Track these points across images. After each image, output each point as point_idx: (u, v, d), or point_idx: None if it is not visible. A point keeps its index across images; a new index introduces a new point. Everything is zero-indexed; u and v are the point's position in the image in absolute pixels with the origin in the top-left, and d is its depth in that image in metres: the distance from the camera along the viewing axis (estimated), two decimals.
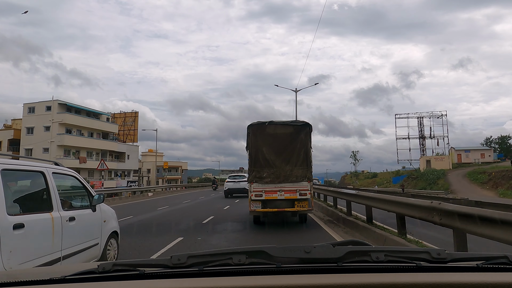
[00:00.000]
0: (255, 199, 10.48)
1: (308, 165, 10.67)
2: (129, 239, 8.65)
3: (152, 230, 10.87)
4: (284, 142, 10.68)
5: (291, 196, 10.41)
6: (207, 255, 1.46)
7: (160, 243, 8.43)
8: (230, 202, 22.42)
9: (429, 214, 6.10)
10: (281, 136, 10.71)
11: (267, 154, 10.60)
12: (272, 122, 10.94)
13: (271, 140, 10.69)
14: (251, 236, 9.75)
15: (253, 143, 10.84)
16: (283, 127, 10.83)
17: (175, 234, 9.52)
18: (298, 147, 10.63)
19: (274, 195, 10.42)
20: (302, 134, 10.71)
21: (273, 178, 10.48)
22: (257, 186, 10.53)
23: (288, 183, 10.47)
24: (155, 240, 8.99)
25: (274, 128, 10.78)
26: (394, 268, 1.38)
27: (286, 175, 10.48)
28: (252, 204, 10.54)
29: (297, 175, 10.51)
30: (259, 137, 10.77)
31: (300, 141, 10.67)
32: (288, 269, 1.38)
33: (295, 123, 10.95)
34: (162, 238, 9.15)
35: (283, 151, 10.63)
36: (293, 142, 10.66)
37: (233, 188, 27.33)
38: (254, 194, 10.48)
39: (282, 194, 10.40)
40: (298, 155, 10.60)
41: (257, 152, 10.72)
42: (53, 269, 1.69)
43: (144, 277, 1.40)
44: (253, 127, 10.91)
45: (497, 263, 1.39)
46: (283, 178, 10.48)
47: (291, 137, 10.70)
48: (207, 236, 9.61)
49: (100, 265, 1.44)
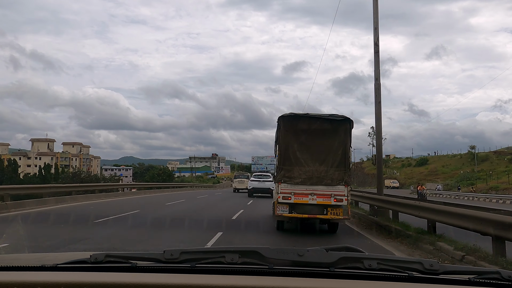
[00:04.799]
0: (282, 201, 9.21)
1: (346, 167, 9.44)
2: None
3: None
4: (320, 138, 9.49)
5: (324, 201, 9.14)
6: (200, 252, 1.46)
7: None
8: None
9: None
10: (316, 132, 9.49)
11: (298, 152, 9.40)
12: (307, 114, 9.70)
13: (304, 135, 9.48)
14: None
15: (283, 138, 9.61)
16: (319, 121, 9.52)
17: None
18: (336, 146, 9.41)
19: (304, 199, 9.17)
20: (340, 130, 9.49)
21: (304, 179, 9.25)
22: (285, 187, 9.29)
23: (322, 186, 9.21)
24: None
25: (308, 122, 9.52)
26: (386, 277, 1.38)
27: (320, 176, 9.25)
28: (278, 207, 9.26)
29: (333, 178, 9.26)
30: (291, 131, 9.54)
31: (338, 139, 9.45)
32: (280, 271, 1.38)
33: (334, 117, 9.52)
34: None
35: (318, 149, 9.45)
36: (330, 140, 9.45)
37: (258, 187, 26.41)
38: (281, 196, 9.22)
39: (314, 198, 9.14)
40: (335, 154, 9.37)
41: (287, 148, 9.49)
42: (46, 256, 1.69)
43: (136, 270, 1.40)
44: (284, 119, 9.69)
45: (489, 278, 1.39)
46: (316, 180, 9.25)
47: (328, 134, 9.49)
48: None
49: (92, 255, 1.44)
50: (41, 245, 7.06)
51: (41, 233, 8.59)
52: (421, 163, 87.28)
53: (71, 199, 17.70)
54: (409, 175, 79.99)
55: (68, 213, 12.81)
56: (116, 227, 10.14)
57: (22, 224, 9.81)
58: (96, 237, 8.41)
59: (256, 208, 17.79)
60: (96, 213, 12.41)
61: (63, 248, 6.85)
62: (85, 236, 8.35)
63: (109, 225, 10.42)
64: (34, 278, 1.33)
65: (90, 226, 9.97)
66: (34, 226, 9.87)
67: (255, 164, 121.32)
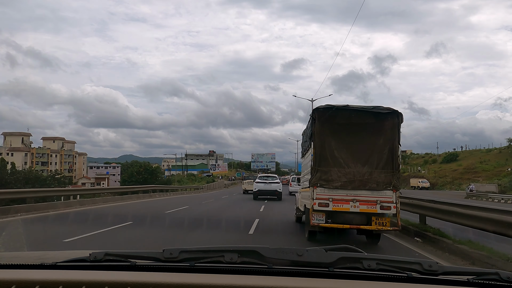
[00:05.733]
0: (318, 209, 7.97)
1: (395, 169, 8.08)
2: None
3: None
4: (362, 135, 8.25)
5: (369, 209, 7.87)
6: (199, 251, 1.46)
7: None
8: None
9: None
10: (358, 127, 8.25)
11: (337, 150, 8.14)
12: (347, 107, 8.26)
13: (343, 131, 8.24)
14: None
15: (318, 133, 8.26)
16: (361, 114, 8.22)
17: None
18: (381, 143, 8.10)
19: (345, 206, 7.91)
20: (387, 125, 8.15)
21: (344, 183, 7.99)
22: (322, 192, 8.03)
23: (366, 191, 7.95)
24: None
25: (348, 115, 8.23)
26: (385, 277, 1.38)
27: (363, 179, 7.98)
28: (314, 215, 8.01)
29: (379, 181, 7.96)
30: (327, 125, 8.23)
31: (385, 135, 8.13)
32: (279, 270, 1.38)
33: (379, 110, 8.15)
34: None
35: (360, 147, 8.19)
36: (375, 136, 8.18)
37: (264, 189, 25.07)
38: (317, 203, 7.99)
39: (356, 205, 7.88)
40: (381, 153, 8.07)
41: (323, 146, 8.19)
42: (45, 255, 1.69)
43: (135, 269, 1.40)
44: (320, 112, 8.32)
45: (488, 279, 1.39)
46: (359, 184, 7.97)
47: (372, 129, 8.22)
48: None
49: (92, 253, 1.45)
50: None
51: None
52: (450, 159, 76.27)
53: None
54: (439, 173, 70.31)
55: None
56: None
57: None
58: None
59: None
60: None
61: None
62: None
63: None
64: (34, 276, 1.33)
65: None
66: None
67: (255, 162, 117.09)
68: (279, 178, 30.44)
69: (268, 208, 18.54)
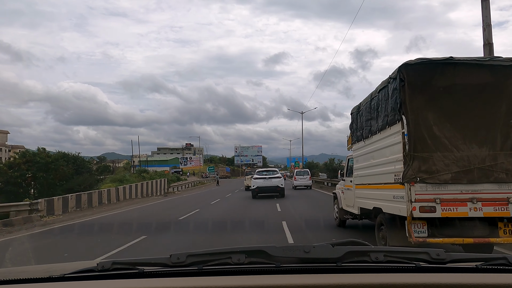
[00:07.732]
0: (419, 216, 5.41)
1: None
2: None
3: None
4: (474, 101, 5.66)
5: (496, 211, 5.38)
6: (206, 254, 1.46)
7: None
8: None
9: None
10: (468, 90, 5.66)
11: (437, 126, 5.61)
12: (450, 59, 5.57)
13: (446, 97, 5.67)
14: None
15: (411, 103, 5.63)
16: (471, 70, 5.63)
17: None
18: (504, 112, 5.57)
19: (461, 209, 5.39)
20: (511, 84, 5.61)
21: (457, 174, 5.46)
22: (423, 190, 5.46)
23: (490, 185, 5.44)
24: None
25: (452, 73, 5.62)
26: (393, 269, 1.38)
27: (483, 168, 5.47)
28: (414, 226, 5.45)
29: (509, 169, 5.45)
30: (422, 90, 5.69)
31: (508, 100, 5.59)
32: (287, 268, 1.38)
33: (498, 62, 5.61)
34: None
35: (473, 120, 5.64)
36: (493, 102, 5.63)
37: (264, 186, 21.99)
38: (418, 207, 5.39)
39: (477, 206, 5.37)
40: (505, 127, 5.56)
41: (418, 122, 5.62)
42: (53, 267, 1.69)
43: (144, 276, 1.40)
44: (411, 69, 5.65)
45: (496, 264, 1.39)
46: (479, 174, 5.46)
47: (489, 92, 5.64)
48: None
49: (99, 263, 1.45)
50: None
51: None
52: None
53: None
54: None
55: None
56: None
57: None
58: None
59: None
60: None
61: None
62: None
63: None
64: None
65: None
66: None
67: (239, 156, 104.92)
68: (279, 172, 26.46)
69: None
